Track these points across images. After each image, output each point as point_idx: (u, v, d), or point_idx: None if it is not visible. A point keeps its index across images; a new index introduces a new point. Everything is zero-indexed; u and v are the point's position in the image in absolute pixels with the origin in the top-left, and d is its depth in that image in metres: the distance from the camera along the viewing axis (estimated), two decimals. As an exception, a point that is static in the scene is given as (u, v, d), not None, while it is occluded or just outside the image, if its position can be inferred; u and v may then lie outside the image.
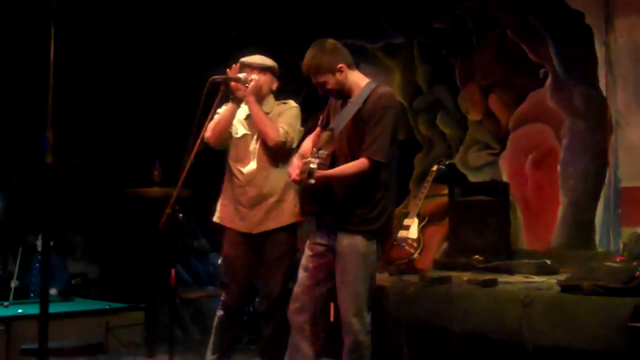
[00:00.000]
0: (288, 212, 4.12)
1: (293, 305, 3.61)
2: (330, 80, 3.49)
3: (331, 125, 3.50)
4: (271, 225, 4.09)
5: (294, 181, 3.44)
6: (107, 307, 6.02)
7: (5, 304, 5.99)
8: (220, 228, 4.24)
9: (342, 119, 3.48)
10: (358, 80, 3.54)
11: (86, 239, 7.97)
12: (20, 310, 5.47)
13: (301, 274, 3.63)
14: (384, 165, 3.36)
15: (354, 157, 3.41)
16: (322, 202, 3.52)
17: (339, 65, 3.49)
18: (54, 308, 4.57)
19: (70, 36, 4.80)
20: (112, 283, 7.73)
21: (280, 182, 4.05)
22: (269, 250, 4.10)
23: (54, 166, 4.06)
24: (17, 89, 7.07)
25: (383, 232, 3.48)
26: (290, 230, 4.14)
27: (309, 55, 3.53)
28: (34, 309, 4.38)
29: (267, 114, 4.08)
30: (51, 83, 4.09)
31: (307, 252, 3.63)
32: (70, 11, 4.82)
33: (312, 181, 3.23)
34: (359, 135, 3.42)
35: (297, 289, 3.62)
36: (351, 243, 3.44)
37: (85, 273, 7.42)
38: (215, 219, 4.23)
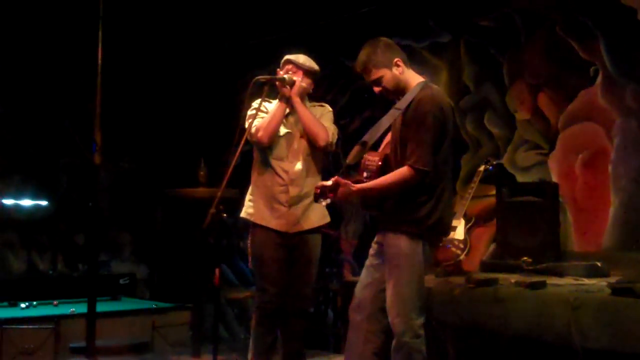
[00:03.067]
0: (319, 213, 4.20)
1: (352, 303, 3.62)
2: (387, 75, 3.46)
3: (364, 138, 3.47)
4: (306, 225, 4.13)
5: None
6: (154, 306, 6.09)
7: (55, 302, 6.10)
8: (247, 225, 4.24)
9: (378, 129, 3.47)
10: (411, 79, 3.51)
11: (134, 239, 8.06)
12: (72, 309, 5.56)
13: (362, 272, 3.65)
14: (427, 172, 3.32)
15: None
16: (379, 200, 3.52)
17: (396, 60, 3.47)
18: (101, 307, 4.64)
19: (117, 39, 4.87)
20: (160, 283, 7.82)
21: (316, 183, 4.05)
22: (303, 250, 4.13)
23: (102, 167, 4.12)
24: (66, 90, 7.19)
25: (430, 234, 3.43)
26: (320, 232, 4.23)
27: (363, 52, 3.51)
28: (83, 308, 4.45)
29: None
30: (99, 85, 4.14)
31: (370, 251, 3.65)
32: (117, 14, 4.88)
33: (323, 202, 3.37)
34: (405, 142, 3.40)
35: (357, 286, 3.63)
36: (395, 243, 3.41)
37: (133, 273, 7.50)
38: (245, 215, 4.20)
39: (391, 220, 3.46)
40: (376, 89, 3.53)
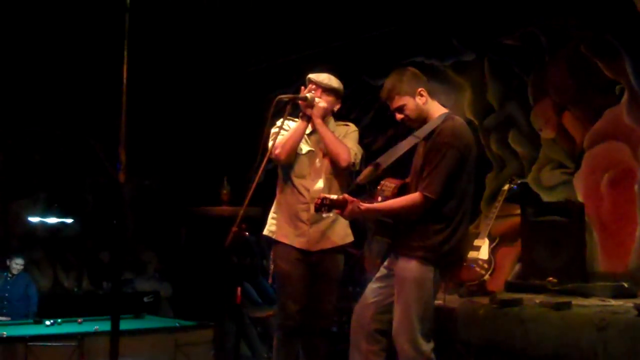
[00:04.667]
0: (342, 232, 4.17)
1: (352, 322, 3.65)
2: (410, 104, 3.49)
3: (378, 160, 3.49)
4: (328, 244, 4.11)
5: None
6: (177, 324, 6.09)
7: (80, 320, 6.12)
8: (270, 242, 4.24)
9: (394, 153, 3.49)
10: (434, 110, 3.54)
11: (158, 257, 8.10)
12: (96, 327, 5.58)
13: (365, 292, 3.66)
14: (434, 200, 3.32)
15: None
16: (394, 228, 3.52)
17: (419, 89, 3.49)
18: (125, 325, 4.65)
19: (142, 58, 4.91)
20: (183, 301, 7.84)
21: None
22: (325, 269, 4.11)
23: (126, 185, 4.13)
24: (91, 108, 7.27)
25: (443, 262, 3.42)
26: (342, 251, 4.20)
27: (389, 79, 3.56)
28: (107, 326, 4.46)
29: None
30: (124, 103, 4.18)
31: (377, 274, 3.67)
32: (143, 34, 4.94)
33: (325, 215, 3.43)
34: (423, 171, 3.43)
35: (357, 306, 3.66)
36: (406, 267, 3.42)
37: (157, 291, 7.53)
38: (268, 232, 4.20)
39: (405, 245, 3.47)
40: (398, 117, 3.56)
